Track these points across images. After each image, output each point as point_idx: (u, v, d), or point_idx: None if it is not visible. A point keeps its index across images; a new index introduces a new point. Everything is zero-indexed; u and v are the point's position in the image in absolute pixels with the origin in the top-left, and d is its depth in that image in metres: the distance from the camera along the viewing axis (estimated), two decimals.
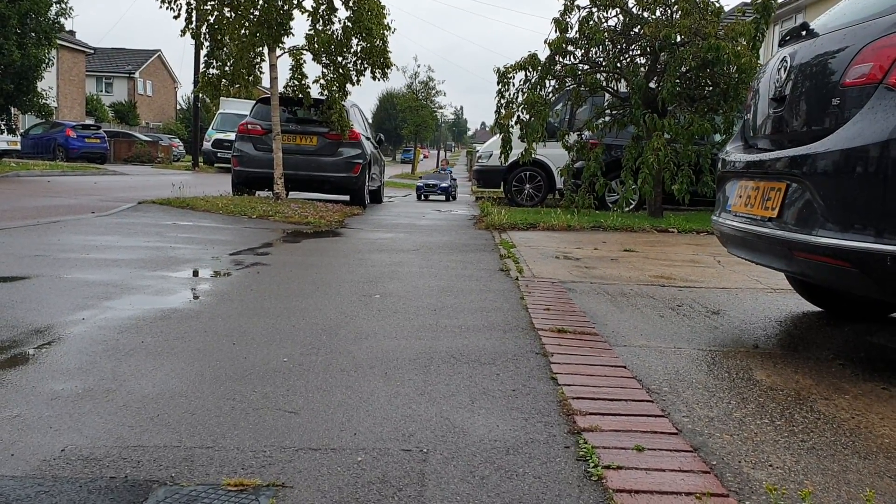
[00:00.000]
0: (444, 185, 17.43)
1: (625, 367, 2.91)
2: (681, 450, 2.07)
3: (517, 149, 11.42)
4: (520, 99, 10.88)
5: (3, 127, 20.38)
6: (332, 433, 2.12)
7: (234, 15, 10.71)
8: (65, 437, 2.05)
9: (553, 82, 10.97)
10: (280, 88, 11.26)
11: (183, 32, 10.84)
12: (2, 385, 2.48)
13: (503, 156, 11.37)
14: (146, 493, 1.73)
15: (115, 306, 3.78)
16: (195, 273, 5.15)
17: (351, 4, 11.02)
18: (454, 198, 17.41)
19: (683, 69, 10.32)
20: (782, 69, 3.34)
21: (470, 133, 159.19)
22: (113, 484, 1.77)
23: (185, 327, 3.38)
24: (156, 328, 3.33)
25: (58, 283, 4.37)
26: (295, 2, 10.81)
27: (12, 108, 20.17)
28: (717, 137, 10.57)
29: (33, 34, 19.37)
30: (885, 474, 1.97)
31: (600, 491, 1.80)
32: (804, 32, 3.33)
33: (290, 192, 11.93)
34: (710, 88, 10.56)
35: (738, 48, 9.76)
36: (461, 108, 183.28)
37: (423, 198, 17.08)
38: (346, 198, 12.64)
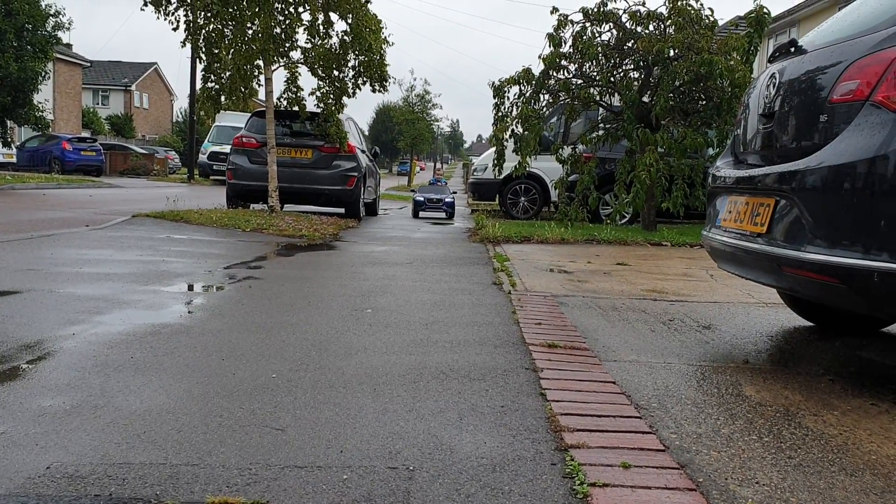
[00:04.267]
0: (448, 199, 14.78)
1: (614, 382, 2.91)
2: (668, 467, 2.07)
3: (512, 162, 11.45)
4: (514, 112, 10.92)
5: None
6: (318, 451, 2.12)
7: (231, 28, 10.75)
8: (51, 454, 2.04)
9: (547, 96, 11.02)
10: (275, 101, 11.28)
11: (183, 44, 10.88)
12: None
13: (496, 169, 11.40)
14: None
15: (106, 321, 3.77)
16: (188, 287, 5.15)
17: (349, 20, 11.07)
18: (453, 215, 14.91)
19: (677, 83, 10.36)
20: (771, 85, 3.36)
21: (466, 145, 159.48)
22: (97, 502, 1.77)
23: (175, 342, 3.37)
24: (146, 343, 3.32)
25: (49, 297, 4.36)
26: (296, 15, 10.85)
27: (8, 121, 20.16)
28: (710, 151, 10.61)
29: (30, 47, 19.41)
30: (871, 491, 1.97)
31: None
32: (793, 49, 3.35)
33: (285, 206, 11.93)
34: (704, 102, 10.61)
35: (732, 62, 9.82)
36: (457, 120, 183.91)
37: (419, 215, 14.76)
38: (342, 210, 12.65)
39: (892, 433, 2.45)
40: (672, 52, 10.30)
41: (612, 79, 10.96)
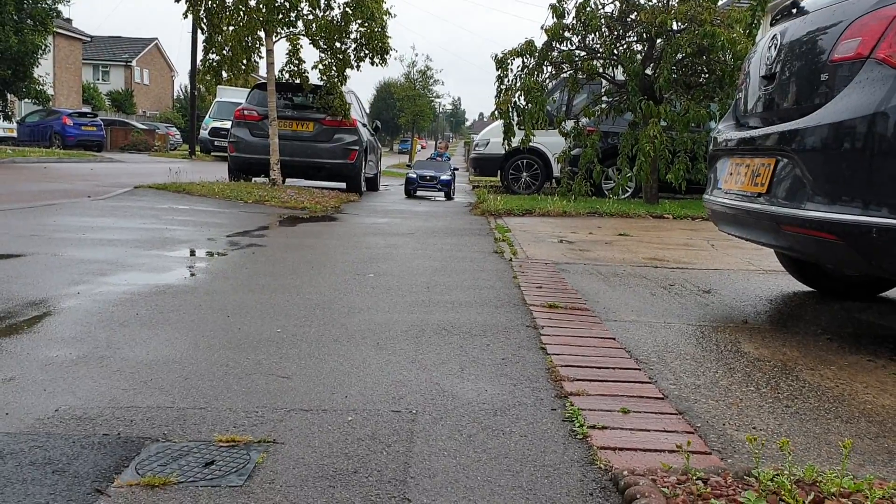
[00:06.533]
0: (444, 177, 13.00)
1: (614, 339, 2.95)
2: (666, 413, 2.10)
3: (515, 136, 11.42)
4: (517, 85, 10.89)
5: None
6: (323, 396, 2.15)
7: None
8: (59, 398, 2.08)
9: (550, 68, 10.98)
10: (276, 74, 11.25)
11: (185, 15, 10.83)
12: None
13: (505, 142, 11.36)
14: (138, 448, 1.77)
15: (110, 282, 3.80)
16: (191, 253, 5.18)
17: None
18: (453, 194, 13.28)
19: (679, 56, 10.32)
20: (772, 47, 3.36)
21: (468, 123, 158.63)
22: (106, 440, 1.80)
23: (180, 301, 3.41)
24: (151, 302, 3.36)
25: (53, 260, 4.39)
26: None
27: (9, 95, 20.12)
28: (713, 125, 10.58)
29: (30, 20, 19.32)
30: (866, 436, 2.01)
31: (585, 448, 1.83)
32: (794, 10, 3.35)
33: (287, 180, 11.92)
34: (707, 75, 10.57)
35: (734, 35, 9.77)
36: (459, 98, 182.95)
37: (414, 193, 13.18)
38: (343, 186, 12.64)
39: (887, 386, 2.48)
40: (675, 25, 10.25)
41: (615, 51, 10.91)
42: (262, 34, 10.95)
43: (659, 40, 10.53)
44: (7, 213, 6.67)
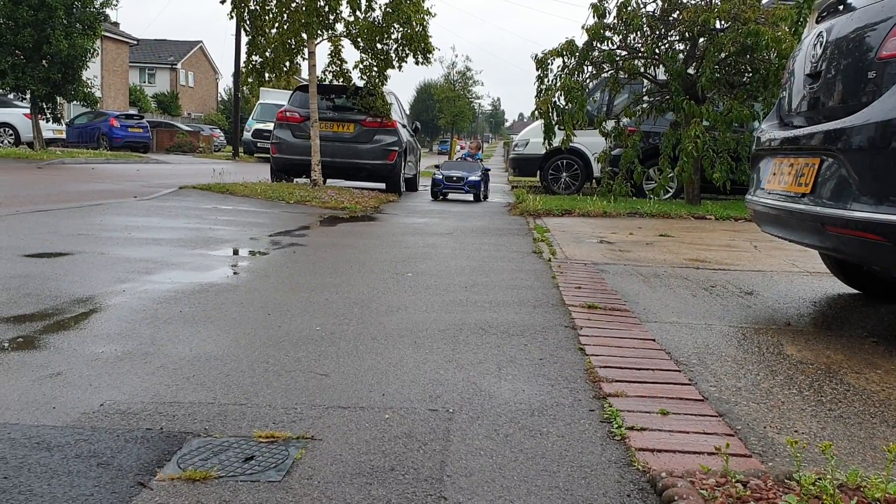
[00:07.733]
0: (472, 178, 11.96)
1: (654, 340, 2.92)
2: (706, 415, 2.08)
3: (555, 136, 11.36)
4: (557, 85, 10.84)
5: (49, 116, 20.78)
6: (361, 393, 2.17)
7: (275, 2, 10.83)
8: (104, 393, 2.13)
9: (590, 68, 10.90)
10: (319, 75, 11.35)
11: (231, 16, 10.98)
12: (45, 347, 2.57)
13: (545, 142, 11.31)
14: (181, 442, 1.80)
15: (155, 280, 3.87)
16: (234, 252, 5.25)
17: None
18: (485, 197, 12.39)
19: (723, 55, 10.18)
20: (818, 45, 3.30)
21: (507, 124, 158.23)
22: (149, 434, 1.84)
23: (222, 299, 3.46)
24: (194, 299, 3.41)
25: (100, 258, 4.48)
26: None
27: (58, 98, 20.55)
28: (757, 125, 10.41)
29: (79, 24, 19.71)
30: None
31: (622, 449, 1.82)
32: (841, 7, 3.29)
33: (328, 181, 12.02)
34: (750, 75, 10.41)
35: (779, 33, 9.61)
36: (498, 99, 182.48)
37: (440, 196, 12.15)
38: (383, 186, 12.71)
39: None
40: (718, 23, 10.12)
41: (656, 50, 10.79)
42: (304, 36, 11.05)
43: (702, 39, 10.40)
44: (56, 213, 6.83)
